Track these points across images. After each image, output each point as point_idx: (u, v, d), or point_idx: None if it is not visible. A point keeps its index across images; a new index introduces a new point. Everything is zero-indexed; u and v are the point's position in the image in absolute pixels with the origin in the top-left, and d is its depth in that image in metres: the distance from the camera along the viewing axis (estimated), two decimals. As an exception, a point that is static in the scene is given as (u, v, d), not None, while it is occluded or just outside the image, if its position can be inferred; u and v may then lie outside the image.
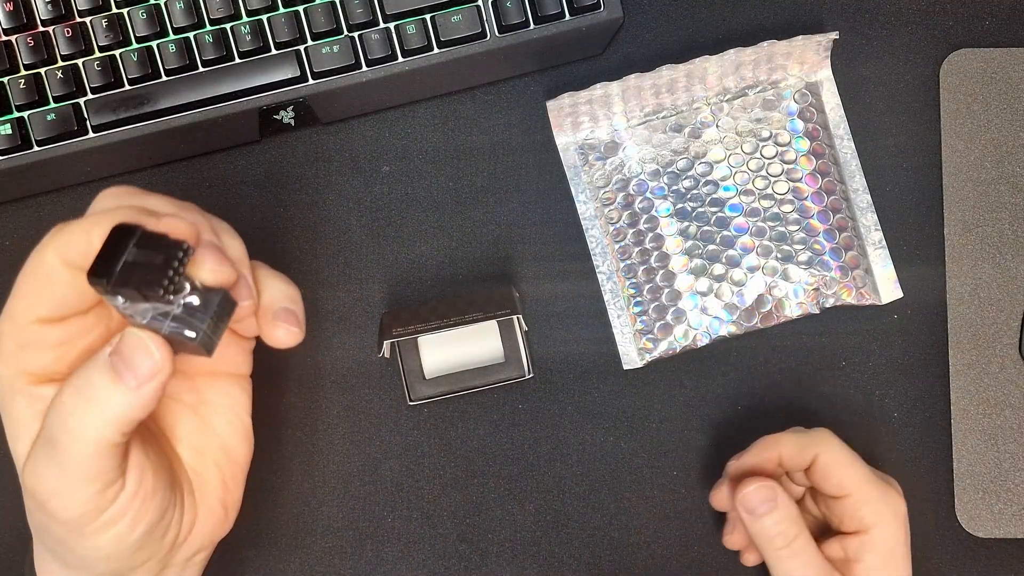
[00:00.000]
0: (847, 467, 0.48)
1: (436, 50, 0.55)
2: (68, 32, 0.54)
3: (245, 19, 0.54)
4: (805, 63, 0.57)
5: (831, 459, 0.48)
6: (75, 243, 0.35)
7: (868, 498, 0.48)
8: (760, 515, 0.47)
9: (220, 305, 0.35)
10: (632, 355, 0.57)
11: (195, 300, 0.34)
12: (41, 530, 0.38)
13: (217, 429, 0.41)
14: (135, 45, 0.54)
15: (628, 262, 0.57)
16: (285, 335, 0.37)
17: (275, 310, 0.37)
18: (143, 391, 0.34)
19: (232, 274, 0.35)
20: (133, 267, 0.33)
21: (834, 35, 0.55)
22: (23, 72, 0.54)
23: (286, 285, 0.38)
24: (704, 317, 0.56)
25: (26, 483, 0.36)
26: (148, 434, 0.39)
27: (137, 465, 0.36)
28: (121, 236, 0.33)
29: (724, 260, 0.56)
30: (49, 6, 0.54)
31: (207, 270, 0.35)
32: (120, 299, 0.34)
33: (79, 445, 0.34)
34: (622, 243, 0.57)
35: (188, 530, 0.40)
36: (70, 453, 0.34)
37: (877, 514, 0.48)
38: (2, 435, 0.57)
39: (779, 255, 0.56)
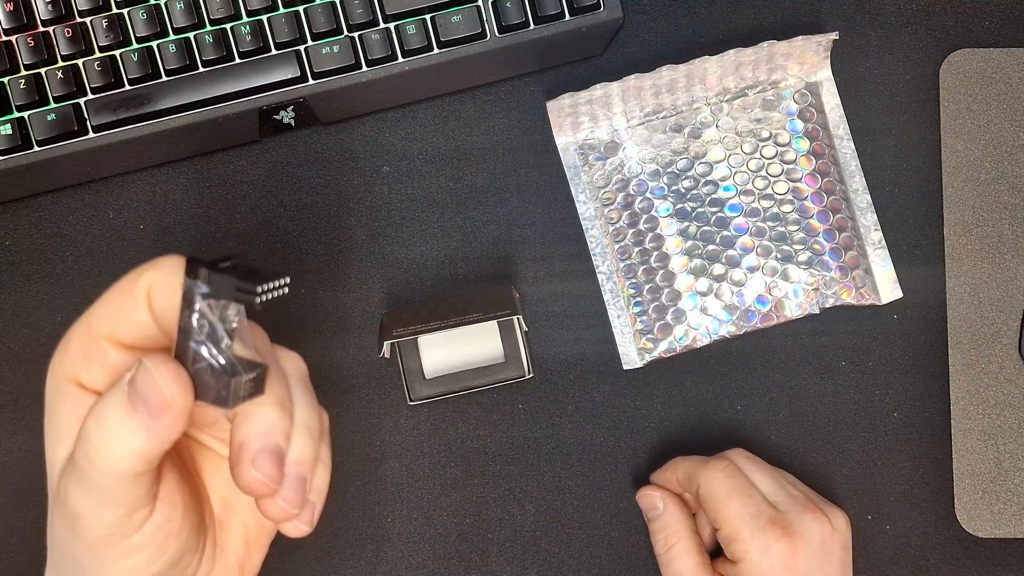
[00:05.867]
0: (722, 502, 0.50)
1: (436, 50, 0.55)
2: (68, 32, 0.54)
3: (245, 19, 0.54)
4: (805, 63, 0.57)
5: (708, 492, 0.51)
6: (169, 288, 0.34)
7: (737, 536, 0.49)
8: (648, 519, 0.54)
9: (257, 378, 0.33)
10: (632, 355, 0.57)
11: (243, 354, 0.33)
12: (63, 550, 0.36)
13: None
14: (135, 45, 0.54)
15: (628, 262, 0.57)
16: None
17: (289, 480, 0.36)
18: (157, 425, 0.32)
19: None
20: (235, 268, 0.32)
21: (834, 35, 0.55)
22: (23, 72, 0.54)
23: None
24: (704, 317, 0.56)
25: (58, 495, 0.35)
26: (184, 471, 0.38)
27: (168, 498, 0.35)
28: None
29: (724, 260, 0.56)
30: (49, 6, 0.54)
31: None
32: (201, 293, 0.32)
33: (100, 475, 0.33)
34: (622, 243, 0.57)
35: None
36: (93, 480, 0.33)
37: (743, 552, 0.49)
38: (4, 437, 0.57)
39: (779, 255, 0.56)
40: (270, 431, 0.34)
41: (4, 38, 0.54)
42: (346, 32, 0.55)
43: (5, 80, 0.54)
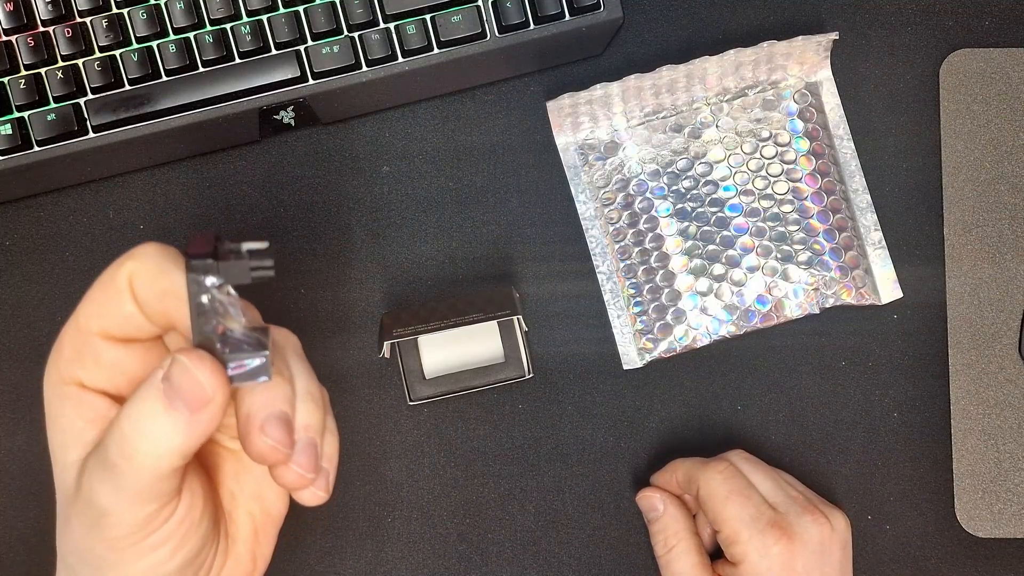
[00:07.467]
0: (721, 504, 0.50)
1: (436, 50, 0.55)
2: (68, 32, 0.54)
3: (245, 19, 0.54)
4: (805, 63, 0.57)
5: (707, 493, 0.51)
6: (150, 276, 0.34)
7: (736, 538, 0.50)
8: (647, 521, 0.54)
9: (272, 339, 0.34)
10: (632, 355, 0.57)
11: (248, 323, 0.33)
12: (79, 551, 0.36)
13: (255, 475, 0.40)
14: (135, 45, 0.54)
15: (628, 262, 0.57)
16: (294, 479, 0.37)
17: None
18: (197, 419, 0.32)
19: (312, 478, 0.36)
20: (232, 249, 0.32)
21: (834, 35, 0.55)
22: (23, 72, 0.54)
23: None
24: (704, 317, 0.56)
25: (82, 495, 0.34)
26: (199, 463, 0.38)
27: (189, 490, 0.35)
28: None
29: (724, 260, 0.56)
30: (49, 6, 0.54)
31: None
32: (215, 286, 0.32)
33: (139, 472, 0.33)
34: (622, 243, 0.57)
35: (217, 575, 0.39)
36: (128, 478, 0.33)
37: (742, 554, 0.49)
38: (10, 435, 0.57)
39: (779, 255, 0.56)
40: (273, 398, 0.35)
41: (4, 38, 0.54)
42: (346, 32, 0.55)
43: (5, 80, 0.54)
